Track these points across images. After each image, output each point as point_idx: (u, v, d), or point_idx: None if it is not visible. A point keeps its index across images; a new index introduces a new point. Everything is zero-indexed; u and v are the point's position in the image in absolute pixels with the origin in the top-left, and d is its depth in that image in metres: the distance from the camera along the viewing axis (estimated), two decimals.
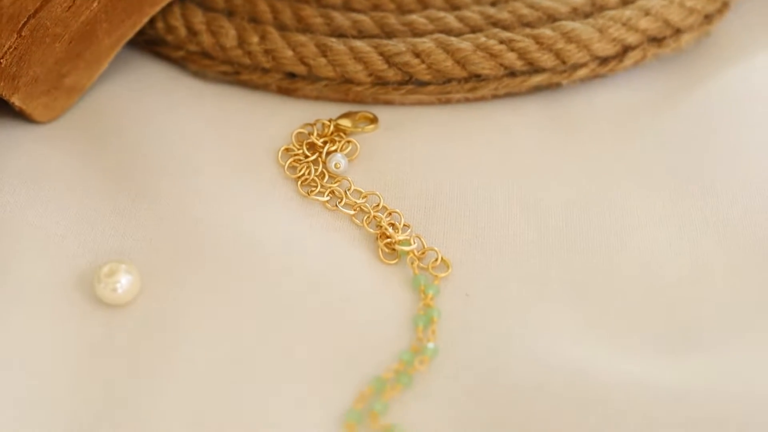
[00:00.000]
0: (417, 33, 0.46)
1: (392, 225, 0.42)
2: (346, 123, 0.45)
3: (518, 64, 0.45)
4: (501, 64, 0.45)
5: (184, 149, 0.45)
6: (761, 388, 0.36)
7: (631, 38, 0.46)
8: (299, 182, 0.44)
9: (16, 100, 0.43)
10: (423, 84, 0.46)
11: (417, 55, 0.45)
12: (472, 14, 0.47)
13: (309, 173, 0.44)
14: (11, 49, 0.42)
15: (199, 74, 0.48)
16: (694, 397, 0.36)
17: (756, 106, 0.46)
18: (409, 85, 0.46)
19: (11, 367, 0.38)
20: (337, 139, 0.45)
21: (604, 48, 0.46)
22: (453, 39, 0.45)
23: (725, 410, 0.35)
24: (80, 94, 0.46)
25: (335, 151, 0.45)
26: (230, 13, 0.48)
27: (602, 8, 0.47)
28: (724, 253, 0.41)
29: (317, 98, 0.47)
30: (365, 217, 0.43)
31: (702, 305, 0.39)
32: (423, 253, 0.42)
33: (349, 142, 0.45)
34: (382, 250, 0.42)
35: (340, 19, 0.47)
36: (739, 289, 0.40)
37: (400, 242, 0.41)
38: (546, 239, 0.42)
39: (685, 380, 0.36)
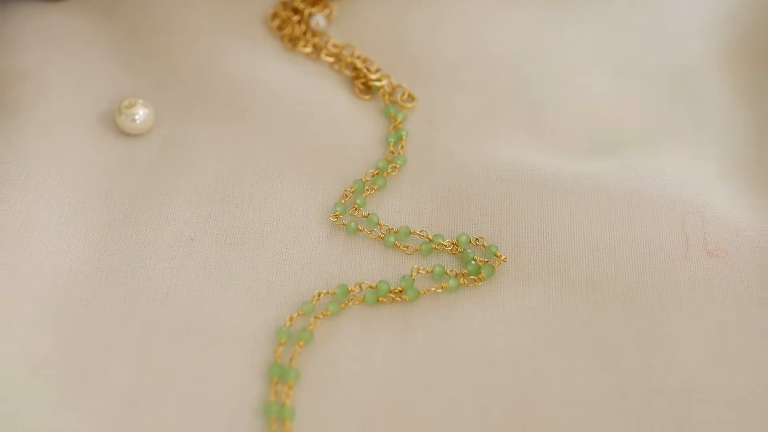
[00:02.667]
0: None
1: (366, 68, 0.50)
2: None
3: None
4: None
5: (184, 12, 0.52)
6: (667, 173, 0.45)
7: None
8: (285, 39, 0.52)
9: None
10: None
11: None
12: None
13: (293, 31, 0.52)
14: None
15: None
16: (613, 180, 0.44)
17: None
18: None
19: (53, 185, 0.45)
20: (317, 2, 0.53)
21: None
22: None
23: (637, 188, 0.44)
24: None
25: (316, 12, 0.52)
26: None
27: None
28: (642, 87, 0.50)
29: None
30: (342, 63, 0.51)
31: (622, 128, 0.48)
32: (393, 89, 0.49)
33: (326, 6, 0.53)
34: (358, 87, 0.50)
35: None
36: (651, 113, 0.49)
37: (373, 80, 0.49)
38: (496, 79, 0.50)
39: (608, 169, 0.45)
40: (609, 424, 0.38)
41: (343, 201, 0.45)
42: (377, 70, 0.50)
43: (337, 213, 0.44)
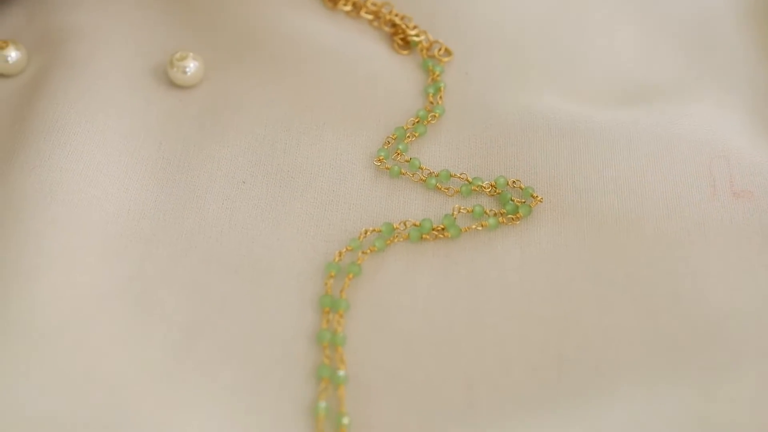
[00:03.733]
0: None
1: (405, 25, 0.52)
2: None
3: None
4: None
5: None
6: (694, 119, 0.47)
7: None
8: None
9: None
10: None
11: None
12: None
13: None
14: None
15: None
16: (642, 125, 0.47)
17: None
18: None
19: (111, 132, 0.47)
20: None
21: None
22: None
23: (665, 132, 0.46)
24: None
25: None
26: None
27: None
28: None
29: None
30: (381, 20, 0.53)
31: (649, 79, 0.50)
32: (430, 44, 0.52)
33: None
34: (397, 43, 0.52)
35: None
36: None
37: (412, 36, 0.52)
38: (529, 34, 0.52)
39: (637, 115, 0.47)
40: (640, 353, 0.41)
41: (386, 147, 0.47)
42: (415, 27, 0.52)
43: (381, 158, 0.47)
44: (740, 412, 0.39)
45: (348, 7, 0.53)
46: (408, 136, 0.48)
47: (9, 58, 0.50)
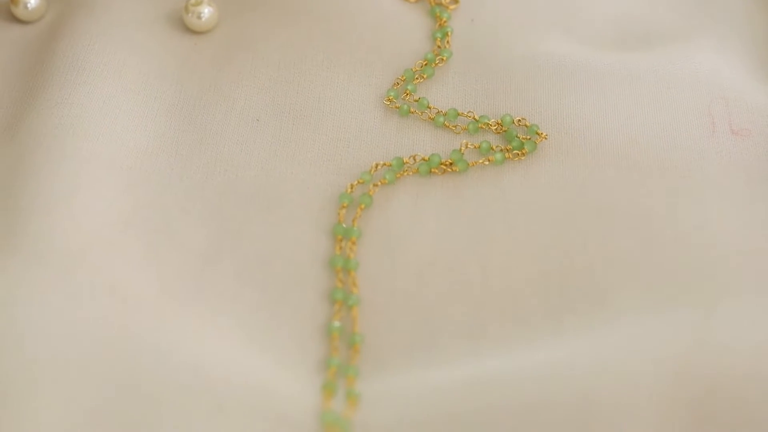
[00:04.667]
0: None
1: None
2: None
3: None
4: None
5: None
6: (694, 61, 0.49)
7: None
8: None
9: None
10: None
11: None
12: None
13: None
14: None
15: None
16: (643, 66, 0.48)
17: None
18: None
19: (128, 73, 0.49)
20: None
21: None
22: None
23: (665, 73, 0.48)
24: None
25: None
26: None
27: None
28: None
29: None
30: None
31: (650, 24, 0.52)
32: None
33: None
34: None
35: None
36: None
37: None
38: None
39: (638, 57, 0.49)
40: (641, 280, 0.42)
41: (395, 87, 0.49)
42: None
43: (391, 97, 0.48)
44: (738, 334, 0.41)
45: None
46: (416, 78, 0.49)
47: (29, 5, 0.51)
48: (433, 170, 0.46)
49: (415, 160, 0.46)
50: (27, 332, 0.39)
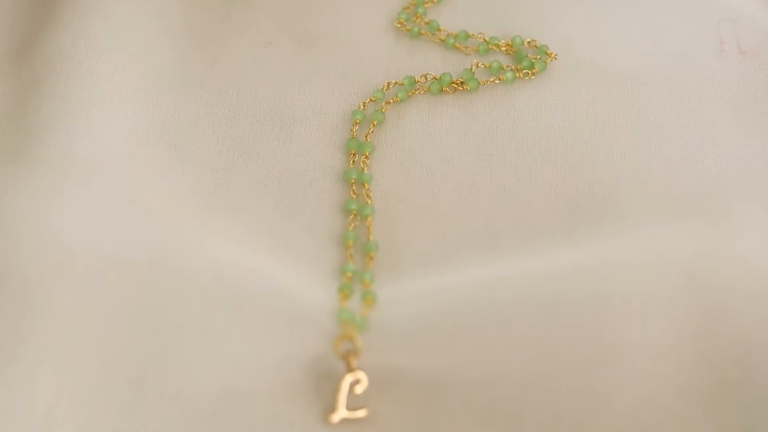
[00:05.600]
0: None
1: None
2: None
3: None
4: None
5: None
6: None
7: None
8: None
9: None
10: None
11: None
12: None
13: None
14: None
15: None
16: None
17: None
18: None
19: (140, 5, 0.49)
20: None
21: None
22: None
23: None
24: None
25: None
26: None
27: None
28: None
29: None
30: None
31: None
32: None
33: None
34: None
35: None
36: None
37: None
38: None
39: None
40: (651, 192, 0.42)
41: (405, 10, 0.49)
42: None
43: (401, 20, 0.49)
44: (747, 243, 0.41)
45: None
46: (426, 2, 0.50)
47: None
48: (444, 89, 0.46)
49: (426, 79, 0.46)
50: (47, 239, 0.39)
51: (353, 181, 0.43)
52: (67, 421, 0.36)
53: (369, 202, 0.43)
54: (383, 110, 0.45)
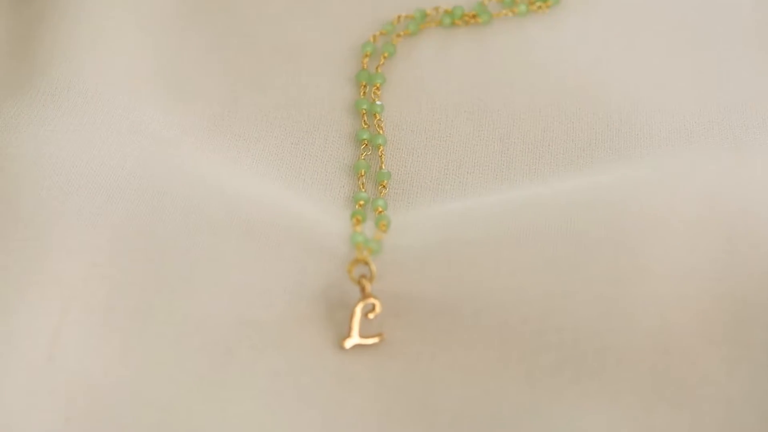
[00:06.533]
0: None
1: None
2: None
3: None
4: None
5: None
6: None
7: None
8: None
9: None
10: None
11: None
12: None
13: None
14: None
15: None
16: None
17: None
18: None
19: None
20: None
21: None
22: None
23: None
24: None
25: None
26: None
27: None
28: None
29: None
30: None
31: None
32: None
33: None
34: None
35: None
36: None
37: None
38: None
39: None
40: (666, 117, 0.42)
41: None
42: None
43: None
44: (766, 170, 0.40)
45: None
46: None
47: None
48: (456, 22, 0.45)
49: (437, 11, 0.46)
50: (51, 167, 0.38)
51: (364, 111, 0.42)
52: (72, 343, 0.35)
53: (381, 131, 0.42)
54: (394, 42, 0.44)
